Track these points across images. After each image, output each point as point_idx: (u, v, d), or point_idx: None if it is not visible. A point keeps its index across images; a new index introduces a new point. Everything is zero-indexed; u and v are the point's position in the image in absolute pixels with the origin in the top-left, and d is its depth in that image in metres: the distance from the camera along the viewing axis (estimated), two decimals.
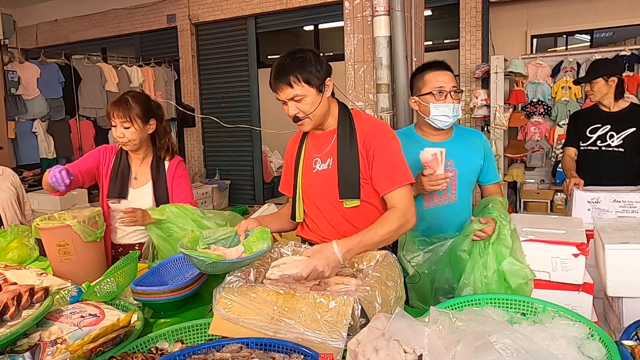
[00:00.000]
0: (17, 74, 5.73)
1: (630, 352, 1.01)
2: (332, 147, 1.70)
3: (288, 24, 7.40)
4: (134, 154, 2.23)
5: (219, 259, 1.36)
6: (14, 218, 2.62)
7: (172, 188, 2.22)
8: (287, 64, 1.57)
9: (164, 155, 2.25)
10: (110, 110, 2.12)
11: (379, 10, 2.93)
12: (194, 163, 8.30)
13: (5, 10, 5.58)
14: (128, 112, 2.09)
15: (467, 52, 6.20)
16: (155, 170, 2.22)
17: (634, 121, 2.84)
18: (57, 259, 1.83)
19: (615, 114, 2.89)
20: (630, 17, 5.84)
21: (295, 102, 1.59)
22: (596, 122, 2.93)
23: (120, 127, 2.10)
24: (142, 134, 2.15)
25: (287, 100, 1.60)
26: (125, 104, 2.10)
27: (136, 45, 8.59)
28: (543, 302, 1.26)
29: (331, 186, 1.68)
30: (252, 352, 1.06)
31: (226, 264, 1.36)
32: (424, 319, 1.13)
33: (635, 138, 2.83)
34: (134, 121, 2.10)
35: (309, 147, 1.78)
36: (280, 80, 1.57)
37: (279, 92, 1.59)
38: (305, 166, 1.76)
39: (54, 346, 1.20)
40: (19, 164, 5.92)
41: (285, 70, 1.56)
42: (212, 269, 1.38)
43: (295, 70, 1.56)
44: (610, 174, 2.76)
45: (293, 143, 1.87)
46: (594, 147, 2.92)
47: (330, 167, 1.69)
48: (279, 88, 1.58)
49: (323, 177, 1.70)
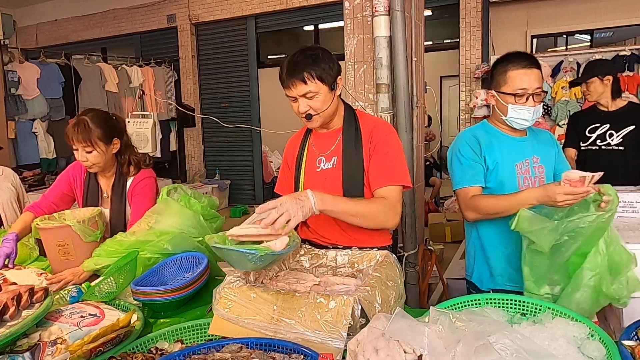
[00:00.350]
0: (17, 74, 5.74)
1: (630, 352, 1.01)
2: (337, 146, 1.70)
3: (288, 24, 7.40)
4: (101, 173, 2.15)
5: (268, 250, 1.27)
6: (14, 218, 2.62)
7: (132, 205, 2.11)
8: (300, 61, 1.55)
9: (126, 170, 2.13)
10: (69, 135, 1.99)
11: (379, 10, 2.93)
12: (194, 163, 8.30)
13: (5, 10, 5.58)
14: (88, 135, 1.97)
15: (467, 52, 6.20)
16: (116, 189, 2.12)
17: (633, 119, 2.85)
18: (57, 259, 1.83)
19: (614, 112, 2.90)
20: (630, 17, 5.84)
21: (307, 99, 1.58)
22: (595, 122, 2.94)
23: (82, 152, 1.99)
24: (106, 156, 2.05)
25: (298, 97, 1.59)
26: (84, 127, 1.97)
27: (136, 45, 8.59)
28: (543, 302, 1.26)
29: (335, 185, 1.67)
30: (252, 352, 1.06)
31: (274, 256, 1.29)
32: (424, 319, 1.13)
33: (634, 136, 2.84)
34: (95, 145, 1.98)
35: (312, 146, 1.77)
36: (294, 76, 1.55)
37: (292, 88, 1.57)
38: (308, 165, 1.76)
39: (53, 346, 1.20)
40: (19, 164, 5.92)
41: (299, 67, 1.54)
42: (261, 262, 1.28)
43: (309, 67, 1.54)
44: (610, 173, 2.74)
45: (293, 143, 1.86)
46: (594, 147, 2.93)
47: (335, 166, 1.69)
48: (292, 84, 1.56)
49: (327, 175, 1.70)
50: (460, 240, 5.50)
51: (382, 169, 1.62)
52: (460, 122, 6.47)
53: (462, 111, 6.39)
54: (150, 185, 2.15)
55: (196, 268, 1.63)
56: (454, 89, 7.56)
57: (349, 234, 1.68)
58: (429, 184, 6.88)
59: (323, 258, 1.56)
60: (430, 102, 5.80)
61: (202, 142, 8.25)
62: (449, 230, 5.56)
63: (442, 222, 5.64)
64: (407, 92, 2.97)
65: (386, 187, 1.60)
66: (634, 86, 5.11)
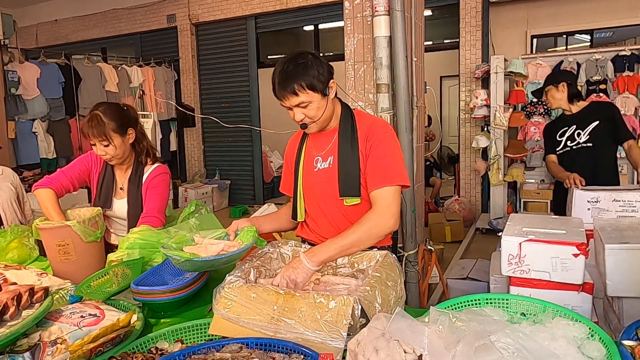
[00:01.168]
0: (17, 74, 5.74)
1: (630, 352, 1.01)
2: (333, 146, 1.70)
3: (288, 24, 7.40)
4: (118, 166, 2.17)
5: (192, 257, 1.41)
6: (14, 218, 2.62)
7: (145, 198, 2.13)
8: (290, 71, 1.55)
9: (144, 160, 2.17)
10: (85, 131, 2.02)
11: (379, 10, 2.93)
12: (194, 163, 8.31)
13: (5, 10, 5.58)
14: (103, 129, 1.99)
15: (467, 52, 6.20)
16: (133, 181, 2.14)
17: (596, 115, 3.03)
18: (57, 259, 1.83)
19: (578, 114, 3.09)
20: (630, 17, 5.84)
21: (301, 109, 1.59)
22: (563, 126, 3.15)
23: (100, 146, 2.02)
24: (124, 147, 2.07)
25: (292, 107, 1.60)
26: (97, 122, 1.99)
27: (136, 45, 8.59)
28: (543, 302, 1.26)
29: (332, 184, 1.68)
30: (252, 352, 1.06)
31: (200, 262, 1.44)
32: (424, 319, 1.13)
33: (599, 130, 3.00)
34: (111, 138, 2.01)
35: (309, 146, 1.78)
36: (285, 89, 1.56)
37: (284, 100, 1.59)
38: (305, 165, 1.77)
39: (53, 346, 1.20)
40: (19, 164, 5.92)
41: (289, 78, 1.55)
42: (187, 266, 1.46)
43: (299, 78, 1.55)
44: (586, 171, 2.83)
45: (293, 143, 1.87)
46: (566, 148, 3.12)
47: (331, 166, 1.69)
48: (283, 96, 1.58)
49: (324, 175, 1.71)
50: (460, 240, 5.51)
51: (378, 170, 1.62)
52: (460, 122, 6.48)
53: (462, 111, 6.40)
54: (165, 181, 2.18)
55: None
56: (454, 89, 7.57)
57: None
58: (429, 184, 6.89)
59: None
60: (430, 102, 5.82)
61: (202, 142, 8.25)
62: (449, 230, 5.57)
63: (442, 222, 5.65)
64: (407, 92, 2.97)
65: (381, 189, 1.60)
66: (634, 86, 5.11)
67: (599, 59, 5.31)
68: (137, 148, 2.17)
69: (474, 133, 6.24)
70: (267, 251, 1.56)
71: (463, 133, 6.46)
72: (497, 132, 5.49)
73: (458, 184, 6.66)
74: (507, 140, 5.70)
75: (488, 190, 6.12)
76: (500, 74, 5.38)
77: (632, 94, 5.11)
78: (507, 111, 5.45)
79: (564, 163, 3.07)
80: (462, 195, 6.50)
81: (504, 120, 5.38)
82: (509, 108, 5.56)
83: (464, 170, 6.53)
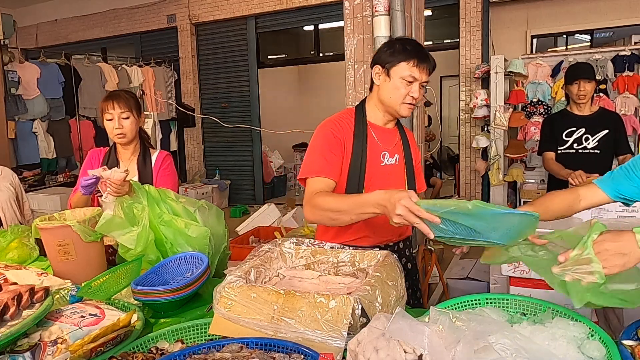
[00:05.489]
0: (17, 74, 5.74)
1: (630, 352, 1.01)
2: (397, 144, 1.82)
3: (288, 24, 7.40)
4: (123, 149, 2.27)
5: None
6: (14, 218, 2.62)
7: (157, 180, 2.24)
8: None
9: (149, 144, 2.33)
10: (107, 103, 2.17)
11: (379, 10, 2.93)
12: (194, 163, 8.31)
13: (5, 10, 5.59)
14: (127, 102, 2.17)
15: (467, 52, 6.20)
16: (142, 163, 2.27)
17: (606, 123, 3.02)
18: (57, 259, 1.82)
19: (588, 117, 3.05)
20: (630, 17, 5.84)
21: (421, 88, 1.68)
22: (571, 126, 3.08)
23: (119, 119, 2.16)
24: (136, 128, 2.24)
25: (420, 82, 1.66)
26: (122, 96, 2.19)
27: (136, 45, 8.59)
28: (543, 302, 1.26)
29: (399, 180, 1.80)
30: (252, 352, 1.06)
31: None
32: (424, 319, 1.13)
33: (608, 139, 3.00)
34: (132, 111, 2.19)
35: (373, 140, 1.76)
36: (430, 63, 1.66)
37: (421, 73, 1.64)
38: (370, 157, 1.74)
39: (54, 346, 1.20)
40: (19, 164, 5.92)
41: (430, 58, 1.66)
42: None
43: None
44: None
45: (344, 126, 1.73)
46: (572, 150, 3.08)
47: (398, 163, 1.81)
48: (425, 69, 1.65)
49: (392, 170, 1.79)
50: None
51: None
52: (460, 122, 6.48)
53: (462, 111, 6.40)
54: (173, 165, 2.34)
55: (196, 268, 1.64)
56: (454, 89, 7.57)
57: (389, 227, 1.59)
58: (430, 184, 6.89)
59: (324, 254, 1.56)
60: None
61: (202, 142, 8.25)
62: None
63: None
64: None
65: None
66: (634, 86, 5.11)
67: (599, 59, 5.30)
68: (142, 134, 2.33)
69: (474, 133, 6.25)
70: (268, 250, 1.56)
71: (463, 133, 6.46)
72: (497, 132, 5.49)
73: (458, 184, 6.66)
74: (507, 140, 5.69)
75: (488, 190, 6.11)
76: (500, 74, 5.38)
77: (632, 94, 5.10)
78: (507, 111, 5.45)
79: (565, 164, 3.02)
80: (463, 195, 6.50)
81: (504, 120, 5.38)
82: (509, 108, 5.55)
83: (464, 171, 6.53)
